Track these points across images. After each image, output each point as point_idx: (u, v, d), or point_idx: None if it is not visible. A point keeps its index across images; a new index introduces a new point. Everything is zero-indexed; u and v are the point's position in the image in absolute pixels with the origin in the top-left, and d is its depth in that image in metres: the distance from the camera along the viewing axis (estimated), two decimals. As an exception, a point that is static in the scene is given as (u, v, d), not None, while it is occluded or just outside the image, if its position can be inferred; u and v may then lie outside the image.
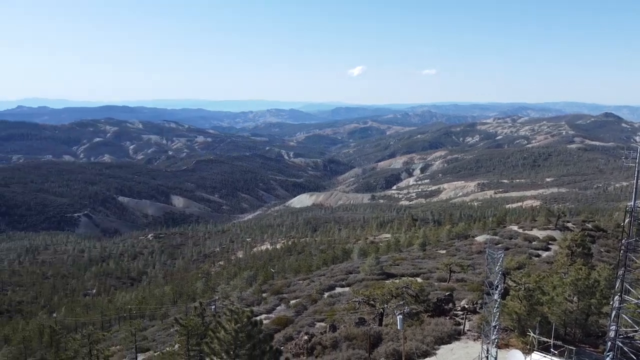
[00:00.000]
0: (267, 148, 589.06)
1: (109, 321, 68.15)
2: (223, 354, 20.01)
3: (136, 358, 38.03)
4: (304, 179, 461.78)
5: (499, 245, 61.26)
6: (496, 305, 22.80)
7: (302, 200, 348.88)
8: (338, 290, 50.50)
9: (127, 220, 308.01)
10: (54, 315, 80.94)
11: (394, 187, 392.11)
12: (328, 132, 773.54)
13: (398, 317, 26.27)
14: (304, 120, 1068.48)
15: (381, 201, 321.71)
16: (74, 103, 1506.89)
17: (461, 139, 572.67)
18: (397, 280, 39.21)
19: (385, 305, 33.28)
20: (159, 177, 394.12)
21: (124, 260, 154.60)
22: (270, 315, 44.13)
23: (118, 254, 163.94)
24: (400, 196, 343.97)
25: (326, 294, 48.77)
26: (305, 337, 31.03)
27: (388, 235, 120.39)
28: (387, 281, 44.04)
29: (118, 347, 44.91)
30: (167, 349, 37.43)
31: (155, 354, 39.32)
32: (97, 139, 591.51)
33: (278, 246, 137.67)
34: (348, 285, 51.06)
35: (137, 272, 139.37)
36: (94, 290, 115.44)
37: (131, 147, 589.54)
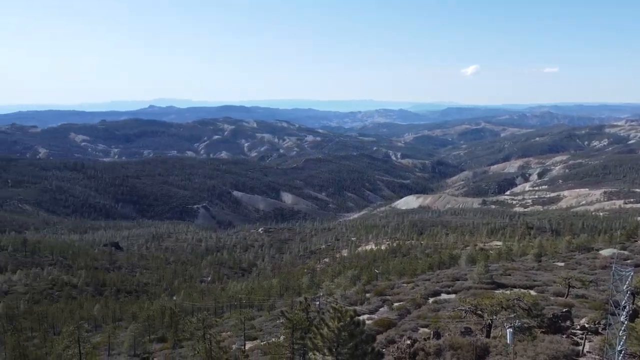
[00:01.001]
0: (375, 148, 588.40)
1: (222, 308, 72.58)
2: (325, 351, 20.36)
3: (244, 345, 40.09)
4: (410, 180, 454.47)
5: (628, 261, 55.28)
6: (622, 328, 20.63)
7: (409, 202, 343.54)
8: (443, 296, 49.00)
9: (240, 213, 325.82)
10: (174, 298, 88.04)
11: (507, 193, 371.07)
12: (437, 133, 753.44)
13: (508, 330, 24.88)
14: (413, 121, 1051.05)
15: (492, 207, 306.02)
16: (197, 103, 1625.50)
17: (586, 142, 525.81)
18: (508, 292, 37.10)
19: (494, 317, 31.63)
20: (270, 174, 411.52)
21: (236, 252, 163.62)
22: (372, 316, 44.05)
23: (231, 245, 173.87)
24: (514, 202, 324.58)
25: (431, 300, 47.56)
26: (408, 342, 30.52)
27: (499, 243, 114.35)
28: (496, 291, 41.85)
29: (228, 333, 47.67)
30: (273, 339, 38.98)
31: (262, 343, 41.17)
32: (216, 137, 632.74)
33: (383, 247, 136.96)
34: (454, 292, 49.32)
35: (248, 264, 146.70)
36: (209, 278, 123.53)
37: (246, 144, 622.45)
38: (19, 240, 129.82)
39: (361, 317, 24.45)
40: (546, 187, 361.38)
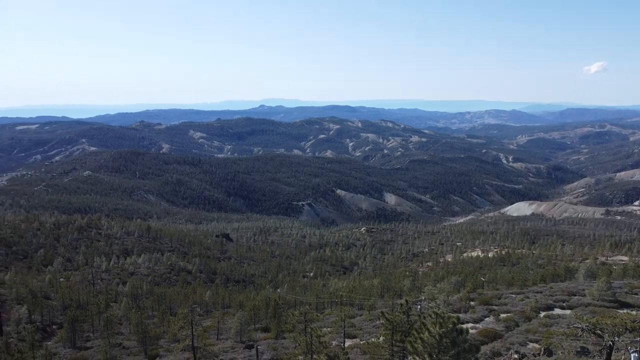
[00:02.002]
0: (484, 151, 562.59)
1: (323, 304, 73.96)
2: (425, 356, 19.93)
3: (344, 342, 40.50)
4: (523, 185, 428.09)
5: None
6: None
7: (520, 209, 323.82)
8: (557, 311, 45.62)
9: (343, 212, 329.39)
10: (278, 290, 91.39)
11: (636, 203, 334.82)
12: (555, 136, 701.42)
13: (632, 355, 22.51)
14: (527, 122, 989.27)
15: (618, 217, 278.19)
16: (305, 103, 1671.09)
17: None
18: (634, 312, 33.57)
19: (616, 338, 28.79)
20: (373, 174, 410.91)
21: (338, 249, 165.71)
22: (477, 325, 42.27)
23: (334, 242, 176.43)
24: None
25: (542, 314, 44.52)
26: (515, 356, 28.90)
27: (625, 258, 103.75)
28: (620, 311, 38.08)
29: (329, 329, 48.46)
30: (373, 339, 38.94)
31: (362, 342, 41.32)
32: (322, 136, 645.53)
33: (490, 254, 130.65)
34: (569, 307, 45.71)
35: (349, 262, 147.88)
36: (312, 274, 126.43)
37: (350, 144, 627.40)
38: (143, 227, 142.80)
39: (464, 325, 23.59)
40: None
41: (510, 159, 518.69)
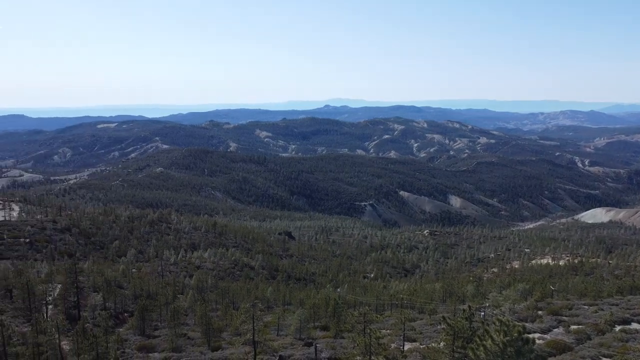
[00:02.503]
0: (557, 153, 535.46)
1: (383, 305, 73.32)
2: (488, 364, 19.25)
3: (403, 345, 39.93)
4: (600, 191, 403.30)
5: None
6: None
7: (596, 215, 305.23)
8: (634, 325, 42.62)
9: (405, 213, 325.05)
10: (338, 290, 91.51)
11: None
12: (638, 138, 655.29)
13: None
14: (607, 124, 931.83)
15: None
16: (370, 103, 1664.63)
17: None
18: None
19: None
20: (438, 176, 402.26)
21: (400, 251, 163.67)
22: (544, 336, 40.30)
23: (395, 244, 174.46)
24: None
25: (618, 327, 41.75)
26: (586, 371, 27.25)
27: None
28: None
29: (388, 331, 47.96)
30: (433, 344, 38.13)
31: (422, 346, 40.56)
32: (386, 136, 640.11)
33: (561, 262, 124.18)
34: (649, 322, 42.58)
35: (411, 265, 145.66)
36: (372, 275, 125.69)
37: (415, 145, 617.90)
38: (210, 223, 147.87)
39: (531, 335, 22.55)
40: None
41: (586, 163, 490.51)
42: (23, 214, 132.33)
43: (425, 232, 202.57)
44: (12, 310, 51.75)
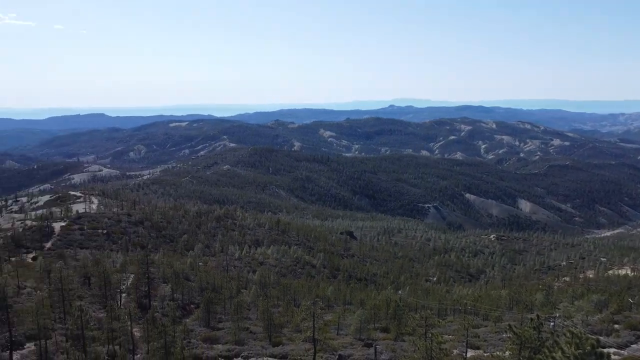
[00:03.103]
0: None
1: (445, 310, 71.64)
2: (558, 378, 18.30)
3: (466, 352, 38.80)
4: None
5: None
6: None
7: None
8: None
9: (471, 217, 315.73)
10: (399, 292, 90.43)
11: None
12: None
13: None
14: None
15: None
16: (436, 103, 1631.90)
17: None
18: None
19: None
20: (507, 179, 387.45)
21: (464, 255, 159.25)
22: (621, 351, 37.77)
23: (459, 248, 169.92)
24: None
25: None
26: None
27: None
28: None
29: (450, 337, 46.79)
30: (497, 353, 36.79)
31: (485, 354, 39.25)
32: (452, 137, 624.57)
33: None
34: None
35: (476, 270, 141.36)
36: (435, 278, 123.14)
37: (483, 146, 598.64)
38: (274, 220, 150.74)
39: (606, 350, 21.24)
40: None
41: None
42: (101, 206, 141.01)
43: (492, 236, 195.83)
44: (90, 296, 55.27)
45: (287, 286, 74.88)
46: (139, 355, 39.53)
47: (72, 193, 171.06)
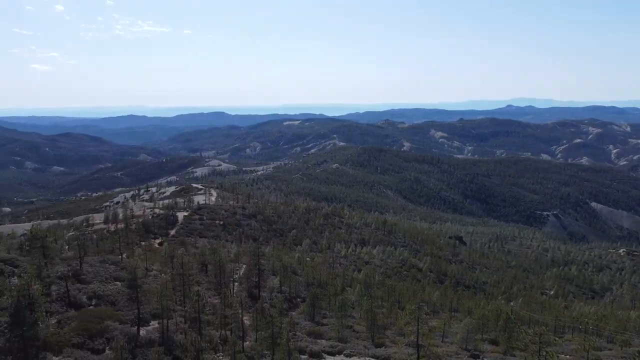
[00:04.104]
0: None
1: (562, 328, 66.31)
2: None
3: (586, 376, 35.57)
4: None
5: None
6: None
7: None
8: None
9: (596, 228, 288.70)
10: (511, 303, 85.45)
11: None
12: None
13: None
14: None
15: None
16: (560, 103, 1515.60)
17: None
18: None
19: None
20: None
21: (587, 270, 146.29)
22: None
23: (582, 261, 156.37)
24: None
25: None
26: None
27: None
28: None
29: (567, 357, 43.20)
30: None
31: (608, 381, 35.65)
32: (577, 140, 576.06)
33: None
34: None
35: (600, 286, 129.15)
36: (552, 292, 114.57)
37: (614, 151, 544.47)
38: (380, 220, 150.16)
39: None
40: None
41: None
42: (219, 199, 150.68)
43: (621, 250, 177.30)
44: (206, 282, 59.30)
45: (392, 288, 74.15)
46: (247, 342, 41.61)
47: (194, 185, 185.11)
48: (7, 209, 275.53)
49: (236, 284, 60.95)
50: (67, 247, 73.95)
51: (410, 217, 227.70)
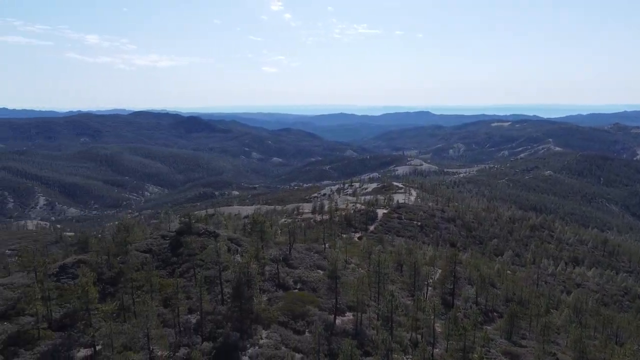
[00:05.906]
0: None
1: None
2: None
3: None
4: None
5: None
6: None
7: None
8: None
9: None
10: None
11: None
12: None
13: None
14: None
15: None
16: None
17: None
18: None
19: None
20: None
21: None
22: None
23: None
24: None
25: None
26: None
27: None
28: None
29: None
30: None
31: None
32: None
33: None
34: None
35: None
36: None
37: None
38: (599, 239, 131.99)
39: None
40: None
41: None
42: (419, 199, 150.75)
43: None
44: (400, 282, 60.06)
45: (609, 318, 64.64)
46: (437, 350, 40.90)
47: (395, 183, 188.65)
48: (236, 192, 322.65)
49: (430, 288, 60.41)
50: (279, 232, 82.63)
51: (638, 238, 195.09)
